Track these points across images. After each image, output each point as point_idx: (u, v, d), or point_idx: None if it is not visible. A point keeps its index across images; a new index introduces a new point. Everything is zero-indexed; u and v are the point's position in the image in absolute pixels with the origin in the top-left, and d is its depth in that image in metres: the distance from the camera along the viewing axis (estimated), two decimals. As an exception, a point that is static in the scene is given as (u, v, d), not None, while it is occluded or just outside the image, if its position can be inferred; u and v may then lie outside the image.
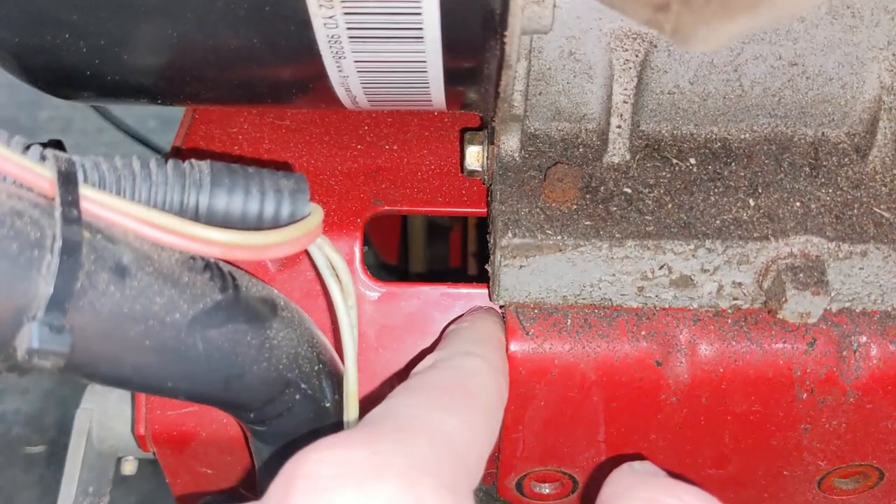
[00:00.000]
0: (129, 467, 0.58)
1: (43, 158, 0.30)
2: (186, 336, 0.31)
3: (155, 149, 1.35)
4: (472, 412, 0.35)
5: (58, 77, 0.43)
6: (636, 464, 0.38)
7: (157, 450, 0.50)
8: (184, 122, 0.56)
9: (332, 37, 0.35)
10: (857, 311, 0.43)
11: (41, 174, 0.29)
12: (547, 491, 0.50)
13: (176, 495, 0.54)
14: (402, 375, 0.47)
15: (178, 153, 0.52)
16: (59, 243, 0.27)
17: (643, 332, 0.42)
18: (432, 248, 0.77)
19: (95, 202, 0.30)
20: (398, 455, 0.29)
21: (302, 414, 0.37)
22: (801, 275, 0.40)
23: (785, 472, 0.47)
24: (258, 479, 0.45)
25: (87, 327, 0.28)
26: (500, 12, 0.33)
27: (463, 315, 0.46)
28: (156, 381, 0.31)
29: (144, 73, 0.41)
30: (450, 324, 0.46)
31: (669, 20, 0.27)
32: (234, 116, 0.54)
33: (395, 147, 0.52)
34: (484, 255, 0.46)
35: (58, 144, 0.54)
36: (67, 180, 0.29)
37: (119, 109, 1.36)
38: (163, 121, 1.78)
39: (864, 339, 0.42)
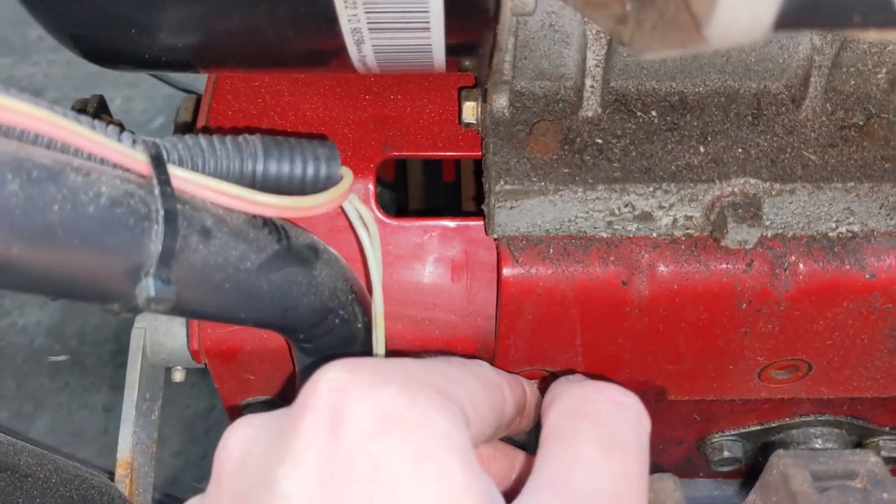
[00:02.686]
0: (178, 375, 0.67)
1: (134, 143, 0.38)
2: (255, 279, 0.40)
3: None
4: (468, 373, 0.40)
5: (106, 55, 0.51)
6: (568, 377, 0.47)
7: (208, 361, 0.59)
8: (211, 75, 0.63)
9: (355, 29, 0.42)
10: (788, 236, 0.52)
11: (138, 158, 0.37)
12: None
13: (223, 398, 0.63)
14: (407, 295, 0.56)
15: (210, 105, 0.60)
16: (161, 214, 0.36)
17: (612, 258, 0.51)
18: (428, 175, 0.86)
19: (181, 178, 0.38)
20: (399, 371, 0.36)
21: (340, 333, 0.46)
22: (740, 210, 0.49)
23: (730, 367, 0.57)
24: (297, 383, 0.55)
25: (185, 278, 0.37)
26: (494, 9, 0.41)
27: None
28: (233, 314, 0.40)
29: (187, 55, 0.49)
30: None
31: (626, 33, 0.35)
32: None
33: (399, 97, 0.60)
34: (479, 194, 0.55)
35: (100, 102, 0.62)
36: (158, 162, 0.37)
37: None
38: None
39: (793, 258, 0.52)
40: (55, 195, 0.32)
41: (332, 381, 0.35)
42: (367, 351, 0.49)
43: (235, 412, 0.64)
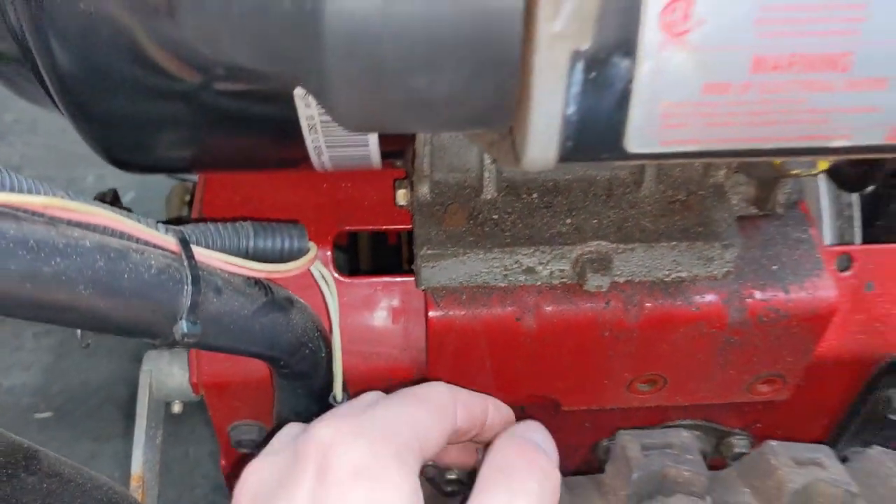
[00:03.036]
0: (176, 408, 0.84)
1: (167, 230, 0.56)
2: (250, 323, 0.57)
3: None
4: (422, 407, 0.50)
5: (128, 164, 0.68)
6: (513, 431, 0.56)
7: (204, 391, 0.76)
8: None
9: (316, 147, 0.61)
10: (635, 281, 0.70)
11: (171, 241, 0.55)
12: (459, 405, 0.77)
13: (215, 422, 0.80)
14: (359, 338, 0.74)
15: (203, 196, 0.78)
16: (189, 279, 0.53)
17: (508, 301, 0.69)
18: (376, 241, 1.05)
19: (200, 253, 0.56)
20: (369, 427, 0.47)
21: (309, 361, 0.63)
22: (596, 264, 0.67)
23: (605, 381, 0.74)
24: (276, 405, 0.72)
25: (205, 322, 0.54)
26: (412, 134, 0.60)
27: None
28: (235, 347, 0.57)
29: (189, 164, 0.66)
30: None
31: (493, 153, 0.54)
32: (237, 167, 0.79)
33: (349, 185, 0.78)
34: (410, 256, 0.73)
35: (114, 194, 0.79)
36: (185, 244, 0.55)
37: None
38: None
39: (639, 297, 0.69)
40: (124, 268, 0.50)
41: (322, 438, 0.48)
42: (328, 376, 0.67)
43: (224, 433, 0.81)
